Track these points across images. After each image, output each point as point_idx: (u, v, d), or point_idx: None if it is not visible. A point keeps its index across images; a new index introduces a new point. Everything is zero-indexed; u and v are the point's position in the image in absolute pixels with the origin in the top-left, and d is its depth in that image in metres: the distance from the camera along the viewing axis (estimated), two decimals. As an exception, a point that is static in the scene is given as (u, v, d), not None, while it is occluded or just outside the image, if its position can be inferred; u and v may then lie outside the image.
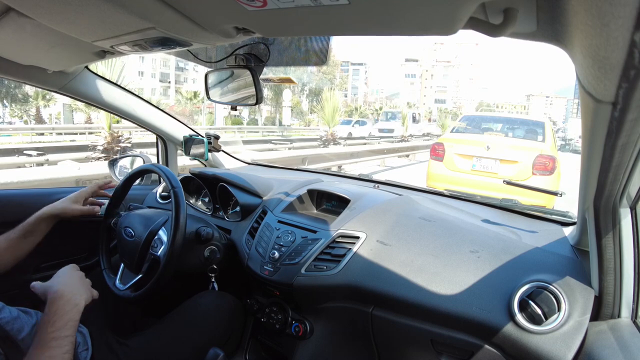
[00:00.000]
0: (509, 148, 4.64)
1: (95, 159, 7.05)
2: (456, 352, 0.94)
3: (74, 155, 7.23)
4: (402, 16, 0.54)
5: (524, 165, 4.41)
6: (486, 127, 5.80)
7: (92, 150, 7.29)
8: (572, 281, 0.81)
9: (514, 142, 4.97)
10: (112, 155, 7.03)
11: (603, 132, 0.48)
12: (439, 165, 4.97)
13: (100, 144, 7.21)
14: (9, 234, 1.06)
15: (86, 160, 6.99)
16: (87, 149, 7.47)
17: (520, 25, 0.51)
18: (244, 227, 1.32)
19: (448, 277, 0.92)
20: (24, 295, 1.29)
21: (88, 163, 6.41)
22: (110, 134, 7.24)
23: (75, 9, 0.66)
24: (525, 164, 4.40)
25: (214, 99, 1.18)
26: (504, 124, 5.87)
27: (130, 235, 1.13)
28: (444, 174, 4.90)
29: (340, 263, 1.04)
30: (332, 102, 13.28)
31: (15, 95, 23.80)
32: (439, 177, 4.93)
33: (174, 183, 1.09)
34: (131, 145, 7.53)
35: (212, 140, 1.55)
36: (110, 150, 7.15)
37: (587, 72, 0.43)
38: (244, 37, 0.74)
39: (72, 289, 0.81)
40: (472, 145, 4.80)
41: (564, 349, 0.74)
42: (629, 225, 0.69)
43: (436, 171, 5.00)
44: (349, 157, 9.24)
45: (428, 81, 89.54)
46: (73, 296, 0.80)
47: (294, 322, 1.15)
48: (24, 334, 0.78)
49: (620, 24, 0.32)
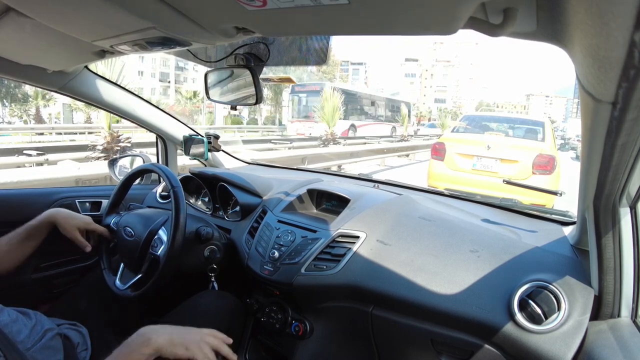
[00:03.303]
0: (509, 148, 4.70)
1: (95, 158, 6.98)
2: (456, 351, 0.94)
3: (73, 155, 7.18)
4: (402, 16, 0.54)
5: (524, 164, 4.45)
6: (487, 126, 5.84)
7: (92, 150, 7.22)
8: (572, 281, 0.81)
9: (514, 142, 5.03)
10: (112, 154, 6.94)
11: (603, 132, 0.48)
12: (440, 165, 5.01)
13: (100, 144, 7.15)
14: (11, 236, 1.05)
15: (86, 159, 6.92)
16: (87, 149, 7.42)
17: (520, 24, 0.51)
18: (244, 226, 1.32)
19: (448, 277, 0.92)
20: (23, 296, 1.30)
21: (87, 163, 6.36)
22: (110, 134, 7.18)
23: (75, 8, 0.66)
24: (525, 163, 4.44)
25: (214, 99, 1.18)
26: (504, 123, 5.98)
27: (130, 235, 1.13)
28: (445, 173, 4.93)
29: (340, 263, 1.04)
30: (332, 102, 13.14)
31: (15, 95, 23.79)
32: (440, 177, 4.96)
33: (173, 182, 1.09)
34: (131, 145, 7.47)
35: (212, 140, 1.55)
36: (110, 150, 7.08)
37: (587, 71, 0.43)
38: (244, 36, 0.74)
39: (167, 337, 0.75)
40: (472, 144, 4.85)
41: (563, 349, 0.74)
42: (629, 225, 0.69)
43: (437, 170, 5.04)
44: (349, 157, 9.21)
45: (428, 81, 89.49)
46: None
47: (294, 322, 1.15)
48: (23, 335, 0.78)
49: (620, 24, 0.32)
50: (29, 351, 0.76)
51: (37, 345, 0.79)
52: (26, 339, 0.77)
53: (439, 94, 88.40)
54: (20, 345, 0.75)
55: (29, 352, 0.76)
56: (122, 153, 6.93)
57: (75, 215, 1.15)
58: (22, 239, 1.06)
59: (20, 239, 1.05)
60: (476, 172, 4.71)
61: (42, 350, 0.79)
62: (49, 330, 0.84)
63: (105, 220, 1.23)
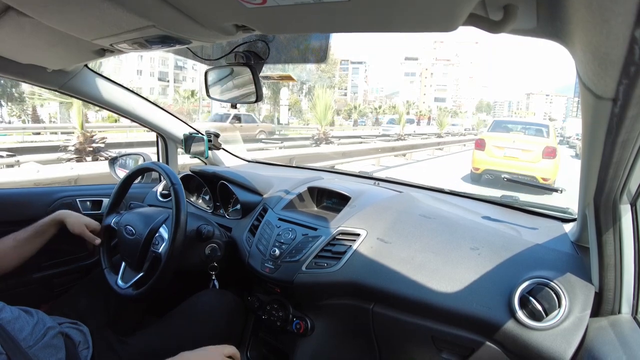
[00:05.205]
0: (526, 142, 7.28)
1: (66, 160, 6.63)
2: (457, 348, 0.94)
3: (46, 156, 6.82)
4: (402, 12, 0.54)
5: (536, 152, 6.96)
6: (509, 128, 8.60)
7: (64, 150, 6.92)
8: (572, 277, 0.81)
9: (529, 138, 7.62)
10: (84, 156, 6.69)
11: (603, 129, 0.48)
12: (482, 153, 7.56)
13: (72, 144, 6.82)
14: (18, 234, 1.08)
15: (58, 161, 6.55)
16: (58, 150, 7.13)
17: (520, 21, 0.50)
18: (245, 224, 1.32)
19: (448, 274, 0.92)
20: (25, 295, 1.30)
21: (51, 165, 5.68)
22: (82, 134, 6.86)
23: (75, 7, 0.66)
24: (537, 152, 6.96)
25: (214, 97, 1.18)
26: (521, 126, 8.73)
27: (131, 234, 1.13)
28: (485, 159, 7.48)
29: (340, 260, 1.04)
30: (324, 100, 12.93)
31: (12, 94, 23.71)
32: (482, 162, 7.53)
33: (173, 180, 1.09)
34: (105, 145, 7.16)
35: (212, 138, 1.55)
36: (82, 151, 6.77)
37: (587, 68, 0.43)
38: (244, 34, 0.74)
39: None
40: (502, 140, 7.46)
41: (564, 345, 0.74)
42: (629, 222, 0.70)
43: (480, 157, 7.59)
44: (341, 157, 9.07)
45: (428, 80, 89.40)
46: None
47: (295, 320, 1.15)
48: (25, 333, 0.78)
49: (621, 20, 0.32)
50: (31, 349, 0.76)
51: (39, 343, 0.79)
52: (28, 336, 0.77)
53: (438, 92, 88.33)
54: (22, 342, 0.75)
55: (31, 350, 0.76)
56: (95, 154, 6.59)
57: (82, 216, 1.20)
58: (30, 236, 1.09)
59: (27, 235, 1.09)
60: (506, 158, 7.19)
61: (44, 349, 0.79)
62: (51, 329, 0.84)
63: (106, 219, 1.23)
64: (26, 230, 1.09)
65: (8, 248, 1.05)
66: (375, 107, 49.15)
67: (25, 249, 1.08)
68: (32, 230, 1.10)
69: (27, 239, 1.08)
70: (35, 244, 1.10)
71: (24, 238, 1.08)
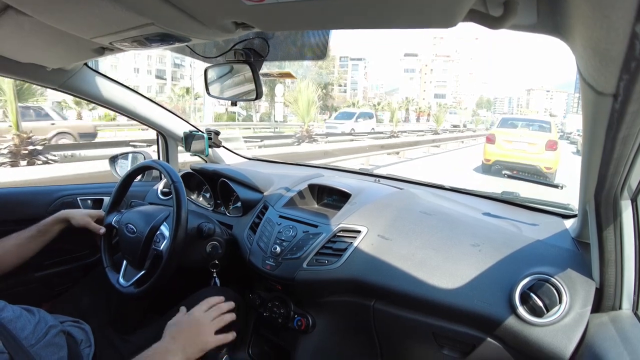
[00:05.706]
0: (532, 136, 8.32)
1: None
2: (458, 344, 0.94)
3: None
4: (402, 8, 0.54)
5: (540, 145, 7.97)
6: (516, 124, 9.45)
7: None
8: (573, 273, 0.81)
9: (534, 133, 8.57)
10: (20, 159, 6.05)
11: (604, 125, 0.48)
12: (493, 147, 8.59)
13: (5, 147, 6.04)
14: (20, 233, 1.09)
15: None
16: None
17: (520, 17, 0.50)
18: (246, 222, 1.32)
19: (449, 271, 0.92)
20: (27, 294, 1.31)
21: None
22: (17, 135, 6.08)
23: (74, 6, 0.65)
24: (541, 145, 7.98)
25: (214, 95, 1.18)
26: (526, 122, 9.67)
27: (132, 232, 1.13)
28: (496, 152, 8.49)
29: (341, 257, 1.04)
30: (307, 95, 11.75)
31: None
32: (493, 154, 8.54)
33: (174, 178, 1.09)
34: (43, 148, 6.41)
35: (213, 136, 1.55)
36: (17, 154, 6.02)
37: (587, 64, 0.43)
38: (243, 32, 0.74)
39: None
40: (511, 135, 8.49)
41: (565, 341, 0.74)
42: (630, 218, 0.70)
43: (491, 150, 8.62)
44: (322, 157, 8.22)
45: (427, 76, 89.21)
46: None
47: (296, 317, 1.16)
48: (27, 332, 0.78)
49: (621, 16, 0.32)
50: (33, 348, 0.77)
51: (41, 342, 0.79)
52: (30, 335, 0.78)
53: (438, 89, 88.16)
54: (24, 341, 0.75)
55: (33, 349, 0.76)
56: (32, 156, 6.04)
57: (85, 211, 1.23)
58: (32, 235, 1.10)
59: (30, 235, 1.09)
60: (514, 150, 8.18)
61: (46, 347, 0.80)
62: (53, 327, 0.84)
63: (107, 218, 1.23)
64: (29, 230, 1.10)
65: (10, 247, 1.06)
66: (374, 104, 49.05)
67: (27, 248, 1.08)
68: (35, 229, 1.10)
69: (29, 238, 1.09)
70: (38, 243, 1.11)
71: (27, 237, 1.08)
